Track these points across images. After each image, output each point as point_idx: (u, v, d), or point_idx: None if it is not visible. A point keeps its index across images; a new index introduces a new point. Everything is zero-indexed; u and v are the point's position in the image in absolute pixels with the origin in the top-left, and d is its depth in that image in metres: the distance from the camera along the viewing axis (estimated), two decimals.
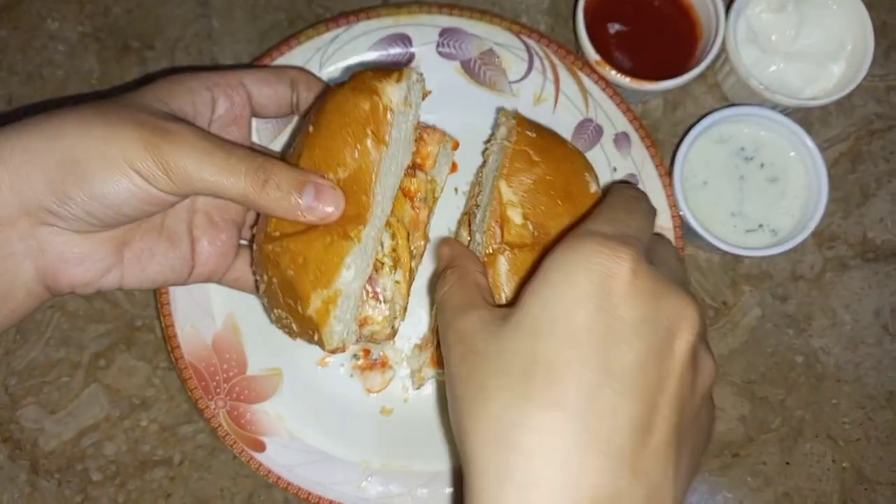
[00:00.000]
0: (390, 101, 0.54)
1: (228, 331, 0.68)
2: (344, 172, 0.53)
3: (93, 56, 0.75)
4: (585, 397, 0.38)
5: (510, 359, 0.40)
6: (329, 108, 0.54)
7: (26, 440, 0.69)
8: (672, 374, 0.40)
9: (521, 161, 0.57)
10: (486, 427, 0.40)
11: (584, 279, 0.40)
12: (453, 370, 0.44)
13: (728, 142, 0.71)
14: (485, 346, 0.42)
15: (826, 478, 0.73)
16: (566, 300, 0.40)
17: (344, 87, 0.55)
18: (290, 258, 0.53)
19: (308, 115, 0.58)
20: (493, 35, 0.71)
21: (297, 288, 0.53)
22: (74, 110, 0.48)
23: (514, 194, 0.56)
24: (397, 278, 0.60)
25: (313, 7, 0.76)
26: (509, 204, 0.56)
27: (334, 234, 0.52)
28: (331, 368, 0.69)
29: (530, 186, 0.56)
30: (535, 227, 0.55)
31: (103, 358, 0.71)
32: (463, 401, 0.42)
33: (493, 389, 0.40)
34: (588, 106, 0.71)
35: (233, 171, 0.49)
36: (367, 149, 0.53)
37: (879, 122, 0.78)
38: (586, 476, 0.37)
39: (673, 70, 0.69)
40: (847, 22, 0.72)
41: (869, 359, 0.75)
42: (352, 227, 0.53)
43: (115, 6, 0.75)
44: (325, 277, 0.52)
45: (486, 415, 0.40)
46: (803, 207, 0.70)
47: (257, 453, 0.66)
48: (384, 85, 0.54)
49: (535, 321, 0.41)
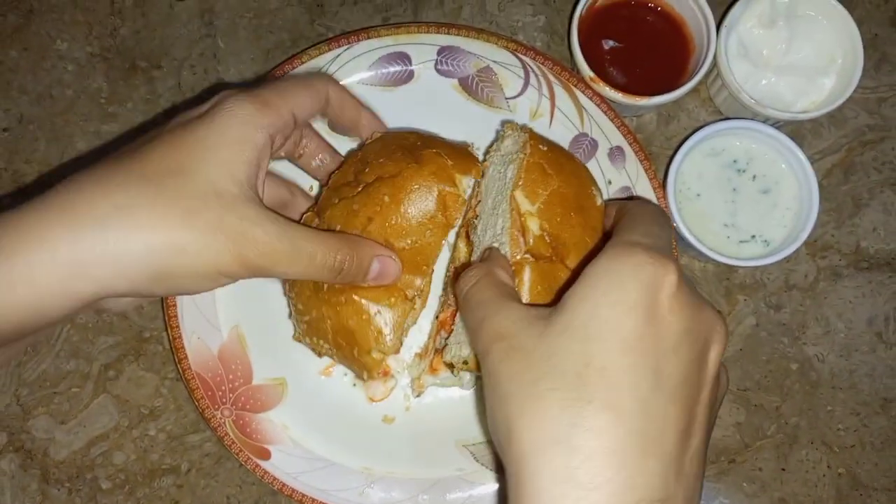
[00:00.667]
0: (465, 192, 0.61)
1: (234, 342, 0.70)
2: (407, 244, 0.60)
3: (101, 76, 0.77)
4: (640, 402, 0.39)
5: (562, 360, 0.41)
6: (406, 184, 0.59)
7: (37, 450, 0.71)
8: (706, 385, 0.43)
9: (536, 173, 0.59)
10: (542, 427, 0.40)
11: (634, 288, 0.41)
12: (495, 368, 0.43)
13: (720, 154, 0.72)
14: (532, 344, 0.42)
15: (822, 484, 0.73)
16: (617, 307, 0.41)
17: (424, 170, 0.60)
18: (354, 311, 0.58)
19: (381, 179, 0.60)
20: (490, 53, 0.72)
21: (357, 339, 0.59)
22: (154, 208, 0.45)
23: (531, 205, 0.58)
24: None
25: (315, 27, 0.78)
26: (528, 215, 0.57)
27: (398, 297, 0.59)
28: (334, 378, 0.71)
29: (546, 198, 0.58)
30: (551, 238, 0.57)
31: (112, 369, 0.72)
32: (511, 400, 0.41)
33: (547, 390, 0.40)
34: (583, 121, 0.72)
35: (312, 267, 0.52)
36: (436, 228, 0.60)
37: (871, 133, 0.79)
38: (643, 478, 0.38)
39: (666, 85, 0.70)
40: (837, 36, 0.73)
41: (863, 366, 0.75)
42: (410, 293, 0.59)
43: (122, 27, 0.78)
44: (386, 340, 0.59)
45: (542, 415, 0.40)
46: (795, 218, 0.71)
47: (263, 461, 0.67)
48: (461, 178, 0.61)
49: (585, 325, 0.41)
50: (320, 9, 0.78)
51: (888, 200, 0.78)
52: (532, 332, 0.43)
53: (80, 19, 0.77)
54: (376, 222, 0.59)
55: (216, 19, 0.78)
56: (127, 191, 0.45)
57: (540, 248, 0.56)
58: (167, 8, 0.78)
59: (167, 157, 0.47)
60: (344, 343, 0.59)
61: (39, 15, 0.78)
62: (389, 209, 0.59)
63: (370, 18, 0.78)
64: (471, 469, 0.69)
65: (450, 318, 0.68)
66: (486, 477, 0.69)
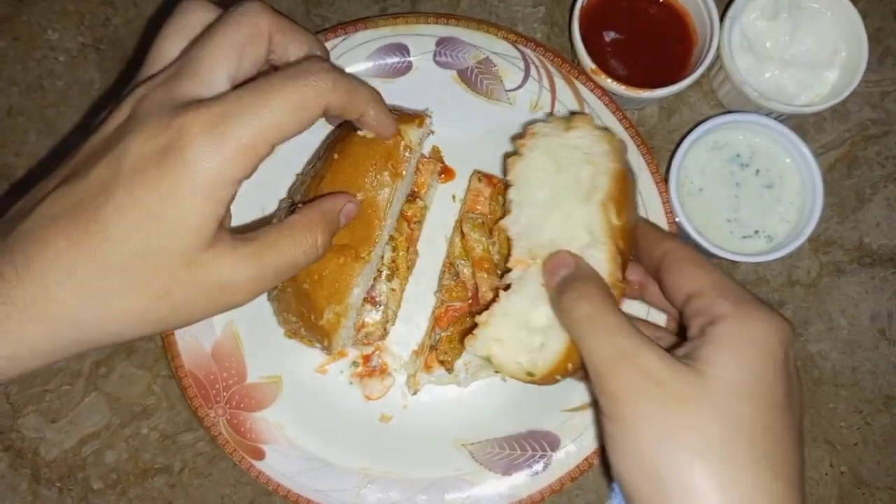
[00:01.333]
0: (410, 142, 0.61)
1: (228, 339, 0.69)
2: (360, 196, 0.60)
3: (93, 67, 0.75)
4: (796, 467, 0.45)
5: (722, 416, 0.43)
6: (355, 140, 0.61)
7: (27, 449, 0.70)
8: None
9: (623, 184, 0.55)
10: (732, 491, 0.42)
11: (778, 349, 0.46)
12: (638, 408, 0.44)
13: (723, 149, 0.72)
14: (694, 396, 0.44)
15: (824, 482, 0.73)
16: (769, 368, 0.45)
17: None
18: (307, 273, 0.59)
19: (333, 143, 0.64)
20: (490, 44, 0.71)
21: (312, 301, 0.60)
22: (128, 297, 0.45)
23: (618, 221, 0.54)
24: (393, 286, 0.66)
25: (312, 17, 0.77)
26: (616, 230, 0.54)
27: (347, 256, 0.60)
28: (330, 376, 0.70)
29: (627, 216, 0.55)
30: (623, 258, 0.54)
31: (104, 366, 0.71)
32: (658, 443, 0.43)
33: (727, 449, 0.43)
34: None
35: (292, 260, 0.50)
36: (384, 179, 0.60)
37: (874, 127, 0.78)
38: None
39: (668, 77, 0.69)
40: (841, 29, 0.72)
41: (866, 363, 0.75)
42: (363, 248, 0.60)
43: (115, 17, 0.76)
44: (338, 295, 0.59)
45: (727, 478, 0.42)
46: (799, 213, 0.70)
47: (257, 461, 0.66)
48: (407, 128, 0.62)
49: (741, 384, 0.44)
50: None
51: (891, 195, 0.77)
52: (688, 383, 0.44)
53: (72, 9, 0.76)
54: (328, 179, 0.60)
55: None
56: (101, 282, 0.43)
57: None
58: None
59: (128, 240, 0.43)
60: (304, 310, 0.61)
61: (30, 4, 0.76)
62: (338, 165, 0.61)
63: (367, 9, 0.77)
64: (469, 469, 0.68)
65: (444, 315, 0.67)
66: (484, 477, 0.68)
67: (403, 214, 0.67)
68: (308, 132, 0.62)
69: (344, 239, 0.59)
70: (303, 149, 0.69)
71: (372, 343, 0.68)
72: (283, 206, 0.67)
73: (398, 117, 0.63)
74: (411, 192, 0.68)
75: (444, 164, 0.72)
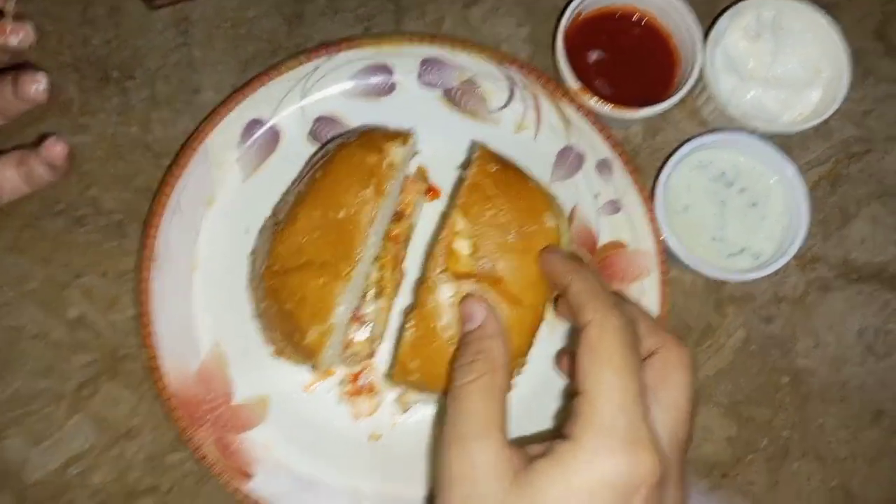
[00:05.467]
0: (394, 159, 0.61)
1: (214, 359, 0.68)
2: (343, 214, 0.60)
3: (73, 86, 0.75)
4: None
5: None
6: (338, 158, 0.62)
7: (11, 471, 0.69)
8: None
9: (478, 193, 0.59)
10: None
11: (610, 488, 0.41)
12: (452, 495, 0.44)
13: (708, 167, 0.72)
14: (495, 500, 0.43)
15: (814, 497, 0.73)
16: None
17: (353, 143, 0.63)
18: (289, 293, 0.59)
19: (317, 162, 0.64)
20: (474, 65, 0.71)
21: (295, 321, 0.60)
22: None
23: (466, 225, 0.58)
24: (380, 305, 0.66)
25: (294, 37, 0.77)
26: (459, 234, 0.58)
27: (328, 275, 0.59)
28: (318, 395, 0.69)
29: (484, 219, 0.58)
30: (482, 259, 0.57)
31: (88, 387, 0.70)
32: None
33: None
34: (569, 133, 0.72)
35: None
36: (367, 196, 0.60)
37: (857, 145, 0.79)
38: None
39: (653, 97, 0.70)
40: (822, 49, 0.73)
41: (854, 378, 0.75)
42: (344, 265, 0.59)
43: (94, 37, 0.76)
44: (320, 314, 0.59)
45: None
46: (784, 231, 0.71)
47: (245, 483, 0.66)
48: (391, 145, 0.62)
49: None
50: (299, 18, 0.77)
51: (876, 212, 0.78)
52: (496, 487, 0.43)
53: (50, 28, 0.76)
54: (310, 196, 0.61)
55: (192, 28, 0.76)
56: None
57: (469, 267, 0.57)
58: (141, 17, 0.76)
59: None
60: (290, 330, 0.61)
61: None
62: (321, 182, 0.61)
63: (351, 28, 0.77)
64: None
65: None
66: None
67: (389, 234, 0.67)
68: (292, 152, 0.65)
69: (325, 256, 0.59)
70: (288, 168, 0.69)
71: (360, 362, 0.67)
72: (267, 224, 0.67)
73: (382, 135, 0.63)
74: (397, 211, 0.68)
75: (430, 183, 0.72)
